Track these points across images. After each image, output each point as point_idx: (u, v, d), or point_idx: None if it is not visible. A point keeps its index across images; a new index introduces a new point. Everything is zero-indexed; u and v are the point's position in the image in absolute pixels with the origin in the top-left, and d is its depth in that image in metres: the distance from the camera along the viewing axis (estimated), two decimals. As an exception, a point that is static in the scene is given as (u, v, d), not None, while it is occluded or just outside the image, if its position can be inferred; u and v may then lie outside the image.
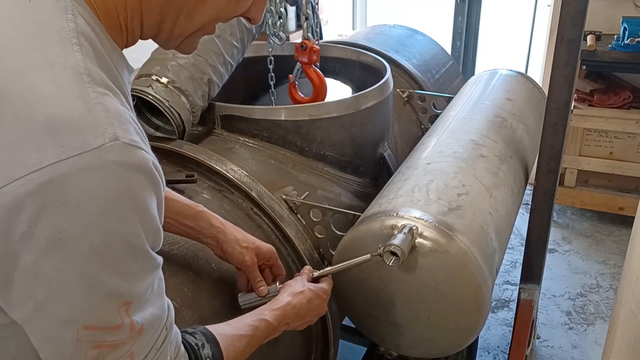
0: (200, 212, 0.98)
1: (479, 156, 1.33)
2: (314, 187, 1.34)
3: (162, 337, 0.63)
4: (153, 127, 1.29)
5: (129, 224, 0.54)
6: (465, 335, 1.11)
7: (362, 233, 1.11)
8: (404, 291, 1.09)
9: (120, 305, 0.56)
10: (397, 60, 1.94)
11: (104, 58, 0.58)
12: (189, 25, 0.66)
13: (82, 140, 0.50)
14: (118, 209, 0.53)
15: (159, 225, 0.59)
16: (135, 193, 0.54)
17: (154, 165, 0.56)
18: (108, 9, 0.60)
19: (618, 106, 2.83)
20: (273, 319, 0.87)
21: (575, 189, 3.02)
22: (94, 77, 0.54)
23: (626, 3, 2.83)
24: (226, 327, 0.81)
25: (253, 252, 0.98)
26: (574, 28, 1.20)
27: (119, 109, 0.55)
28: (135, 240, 0.56)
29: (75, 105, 0.51)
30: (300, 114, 1.33)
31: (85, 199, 0.51)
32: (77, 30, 0.55)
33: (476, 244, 1.06)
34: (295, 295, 0.94)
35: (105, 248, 0.53)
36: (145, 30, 0.66)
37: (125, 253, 0.55)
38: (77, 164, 0.50)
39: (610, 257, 2.76)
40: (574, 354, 2.17)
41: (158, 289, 0.62)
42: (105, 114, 0.52)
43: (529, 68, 3.56)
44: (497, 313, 2.40)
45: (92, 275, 0.53)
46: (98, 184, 0.51)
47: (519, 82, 1.87)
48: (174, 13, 0.64)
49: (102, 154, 0.51)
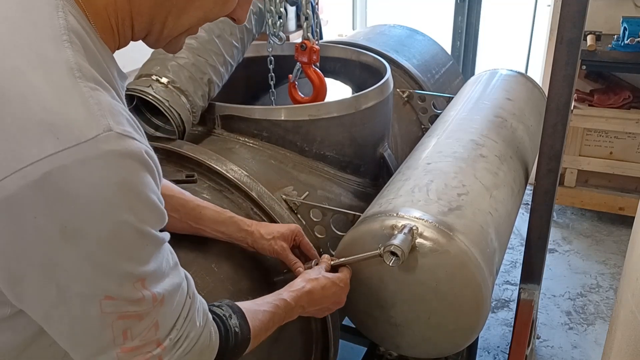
0: (230, 217, 1.06)
1: (479, 156, 1.33)
2: (314, 187, 1.34)
3: (187, 305, 0.65)
4: (153, 127, 1.29)
5: (132, 211, 0.56)
6: (465, 335, 1.11)
7: (362, 233, 1.11)
8: (404, 291, 1.09)
9: (135, 282, 0.58)
10: (397, 60, 1.94)
11: (94, 54, 0.59)
12: (177, 26, 0.68)
13: (78, 132, 0.52)
14: (120, 198, 0.55)
15: (160, 207, 0.61)
16: (134, 180, 0.56)
17: (147, 153, 0.58)
18: (98, 10, 0.62)
19: (618, 106, 2.83)
20: (291, 299, 0.91)
21: (575, 189, 3.02)
22: (85, 72, 0.55)
23: (626, 3, 2.83)
24: (250, 304, 0.85)
25: (280, 239, 1.06)
26: (574, 28, 1.20)
27: (111, 101, 0.56)
28: (141, 226, 0.58)
29: (69, 99, 0.53)
30: (300, 114, 1.33)
31: (86, 189, 0.52)
32: (67, 27, 0.56)
33: (476, 244, 1.06)
34: (310, 281, 0.97)
35: (113, 237, 0.55)
36: (136, 32, 0.67)
37: (134, 239, 0.57)
38: (74, 155, 0.51)
39: (610, 257, 2.76)
40: (574, 354, 2.17)
41: (172, 262, 0.64)
42: (97, 107, 0.54)
43: (529, 68, 3.56)
44: (497, 313, 2.40)
45: (104, 262, 0.55)
46: (97, 174, 0.53)
47: (519, 82, 1.87)
48: (163, 15, 0.66)
49: (98, 144, 0.52)
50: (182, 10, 0.66)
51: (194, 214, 1.02)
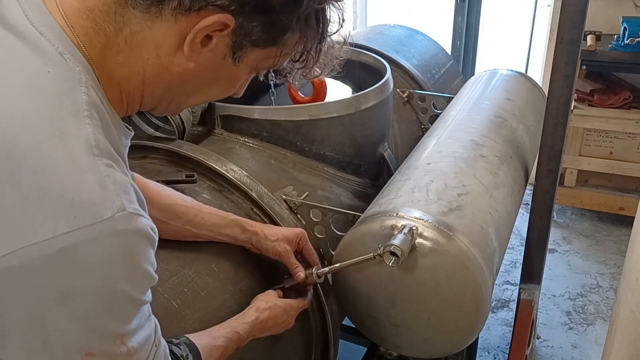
0: (233, 220, 1.07)
1: (479, 156, 1.33)
2: (314, 187, 1.34)
3: (152, 353, 0.67)
4: (153, 127, 1.29)
5: (130, 281, 0.59)
6: (465, 335, 1.11)
7: (362, 233, 1.11)
8: (404, 291, 1.09)
9: (116, 339, 0.60)
10: (397, 60, 1.94)
11: (109, 126, 0.62)
12: (182, 106, 0.74)
13: (94, 211, 0.54)
14: (123, 270, 0.58)
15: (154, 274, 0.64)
16: (139, 255, 0.59)
17: (152, 228, 0.61)
18: (113, 85, 0.65)
19: (618, 106, 2.83)
20: (244, 331, 0.95)
21: (575, 189, 3.02)
22: (102, 148, 0.57)
23: (626, 3, 2.83)
24: (205, 338, 0.87)
25: (283, 242, 1.07)
26: (574, 28, 1.20)
27: (123, 179, 0.59)
28: (137, 294, 0.61)
29: (88, 178, 0.55)
30: (300, 114, 1.33)
31: (95, 263, 0.55)
32: (88, 102, 0.58)
33: (476, 244, 1.06)
34: (263, 311, 1.00)
35: (108, 302, 0.58)
36: (143, 107, 0.71)
37: (126, 305, 0.60)
38: (89, 233, 0.54)
39: (610, 257, 2.76)
40: (574, 354, 2.17)
41: (147, 313, 0.66)
42: (113, 186, 0.56)
43: (529, 68, 3.56)
44: (497, 313, 2.40)
45: (94, 324, 0.58)
46: (107, 250, 0.55)
47: (519, 82, 1.87)
48: (171, 97, 0.71)
49: (112, 224, 0.55)
50: (190, 94, 0.72)
51: (196, 220, 1.03)
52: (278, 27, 0.65)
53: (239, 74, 0.73)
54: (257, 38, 0.66)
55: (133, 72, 0.65)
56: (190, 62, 0.66)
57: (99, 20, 0.61)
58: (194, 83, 0.70)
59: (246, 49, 0.67)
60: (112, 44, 0.62)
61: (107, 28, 0.62)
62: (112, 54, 0.63)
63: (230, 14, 0.62)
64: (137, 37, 0.63)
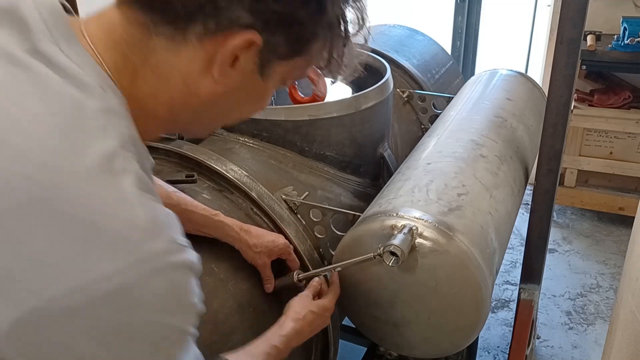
0: (217, 222, 1.07)
1: (479, 156, 1.33)
2: (314, 187, 1.34)
3: None
4: (153, 127, 1.29)
5: (180, 315, 0.58)
6: (465, 335, 1.11)
7: (362, 233, 1.11)
8: (404, 291, 1.09)
9: None
10: (397, 60, 1.94)
11: (143, 159, 0.61)
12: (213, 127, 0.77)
13: (147, 246, 0.53)
14: (174, 305, 0.57)
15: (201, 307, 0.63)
16: (188, 289, 0.58)
17: (198, 259, 0.60)
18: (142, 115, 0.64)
19: (618, 106, 2.83)
20: (282, 345, 0.95)
21: (575, 189, 3.03)
22: (144, 182, 0.57)
23: (626, 3, 2.83)
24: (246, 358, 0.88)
25: (265, 255, 1.10)
26: (574, 28, 1.20)
27: (169, 212, 0.58)
28: (187, 328, 0.60)
29: (139, 212, 0.54)
30: (300, 114, 1.33)
31: (150, 298, 0.54)
32: (130, 136, 0.58)
33: (476, 244, 1.06)
34: (297, 320, 1.00)
35: (161, 338, 0.56)
36: (169, 131, 0.72)
37: (177, 340, 0.59)
38: (144, 269, 0.53)
39: (610, 257, 2.76)
40: (574, 354, 2.18)
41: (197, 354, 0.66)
42: (162, 219, 0.56)
43: (529, 68, 3.56)
44: (497, 313, 2.40)
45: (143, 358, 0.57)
46: (161, 285, 0.54)
47: (519, 82, 1.87)
48: (201, 120, 0.70)
49: (165, 257, 0.54)
50: (221, 116, 0.71)
51: (183, 215, 1.02)
52: (304, 38, 0.64)
53: (267, 90, 0.71)
54: (283, 51, 0.64)
55: (161, 100, 0.64)
56: (219, 85, 0.64)
57: (126, 51, 0.60)
58: (224, 104, 0.68)
59: (273, 64, 0.66)
60: (140, 74, 0.62)
61: (134, 58, 0.61)
62: (141, 85, 0.62)
63: (255, 31, 0.61)
64: (164, 66, 0.62)
